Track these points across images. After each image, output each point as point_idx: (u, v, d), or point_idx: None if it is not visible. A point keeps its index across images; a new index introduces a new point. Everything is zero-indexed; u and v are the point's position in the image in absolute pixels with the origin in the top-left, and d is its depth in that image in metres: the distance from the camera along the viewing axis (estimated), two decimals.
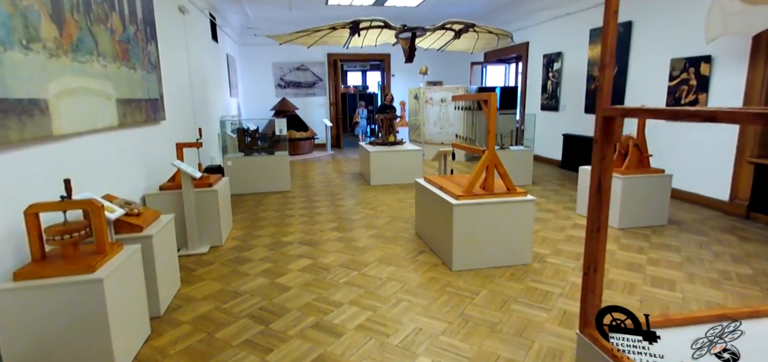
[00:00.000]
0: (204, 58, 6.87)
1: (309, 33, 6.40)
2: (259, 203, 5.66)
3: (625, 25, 6.37)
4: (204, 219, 3.95)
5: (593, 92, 7.13)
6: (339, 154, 10.63)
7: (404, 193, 6.09)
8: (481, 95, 3.34)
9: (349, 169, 8.37)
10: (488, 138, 3.30)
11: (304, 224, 4.65)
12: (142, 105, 3.82)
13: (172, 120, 4.74)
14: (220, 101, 8.07)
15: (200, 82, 6.42)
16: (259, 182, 6.25)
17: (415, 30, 6.24)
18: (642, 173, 4.36)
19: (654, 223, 4.45)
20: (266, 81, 11.37)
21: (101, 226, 2.17)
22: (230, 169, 6.13)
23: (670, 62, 5.63)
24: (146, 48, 3.98)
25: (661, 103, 5.81)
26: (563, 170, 7.82)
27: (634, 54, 6.31)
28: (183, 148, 4.07)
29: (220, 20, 8.52)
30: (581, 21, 7.36)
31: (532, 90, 8.96)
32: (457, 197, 3.28)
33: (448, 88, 8.79)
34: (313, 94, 11.73)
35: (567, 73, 7.88)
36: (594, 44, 7.04)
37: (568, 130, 7.81)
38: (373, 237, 4.17)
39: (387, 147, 6.90)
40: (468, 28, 6.45)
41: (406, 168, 6.69)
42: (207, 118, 6.68)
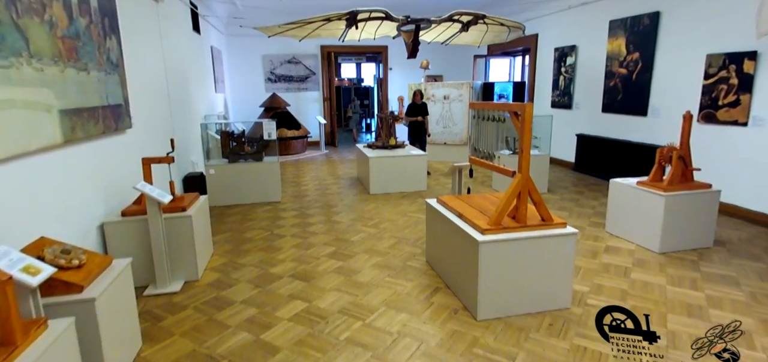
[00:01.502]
0: (184, 51, 6.17)
1: (300, 25, 5.73)
2: (245, 218, 5.02)
3: (652, 16, 5.76)
4: (176, 250, 3.31)
5: (613, 89, 6.53)
6: (334, 153, 9.97)
7: (408, 204, 5.48)
8: (512, 105, 2.73)
9: (346, 171, 7.74)
10: (521, 159, 2.69)
11: (297, 248, 4.02)
12: (99, 114, 3.16)
13: (142, 127, 4.08)
14: (204, 98, 7.38)
15: (179, 79, 5.73)
16: (246, 191, 5.61)
17: (420, 22, 5.59)
18: (687, 189, 3.78)
19: (699, 245, 3.88)
20: (255, 75, 10.65)
21: (7, 307, 1.54)
22: (213, 177, 5.48)
23: (706, 58, 5.04)
24: (104, 44, 3.30)
25: (693, 103, 5.23)
26: (578, 173, 7.25)
27: (661, 48, 5.70)
28: (151, 164, 3.42)
29: (204, 9, 7.79)
30: (599, 11, 6.74)
31: (542, 86, 8.35)
32: (483, 230, 2.68)
33: (451, 84, 8.15)
34: (305, 88, 11.04)
35: (582, 68, 7.27)
36: (615, 37, 6.42)
37: (584, 130, 7.22)
38: (378, 267, 3.56)
39: (387, 151, 6.27)
40: (477, 20, 5.81)
41: (408, 175, 6.07)
42: (188, 118, 6.00)
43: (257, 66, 10.61)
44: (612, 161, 6.52)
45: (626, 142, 6.28)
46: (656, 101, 5.84)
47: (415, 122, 7.03)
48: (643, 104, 6.01)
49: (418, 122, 7.01)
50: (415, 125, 7.05)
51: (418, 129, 7.05)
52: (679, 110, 5.50)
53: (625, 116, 6.36)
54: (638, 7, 6.00)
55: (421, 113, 7.03)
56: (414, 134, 7.10)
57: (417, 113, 7.01)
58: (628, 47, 6.18)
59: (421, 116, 6.99)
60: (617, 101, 6.46)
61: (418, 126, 7.05)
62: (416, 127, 7.05)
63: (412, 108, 7.06)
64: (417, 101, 7.06)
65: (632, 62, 6.14)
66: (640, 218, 3.91)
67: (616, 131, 6.56)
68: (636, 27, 6.03)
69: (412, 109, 7.07)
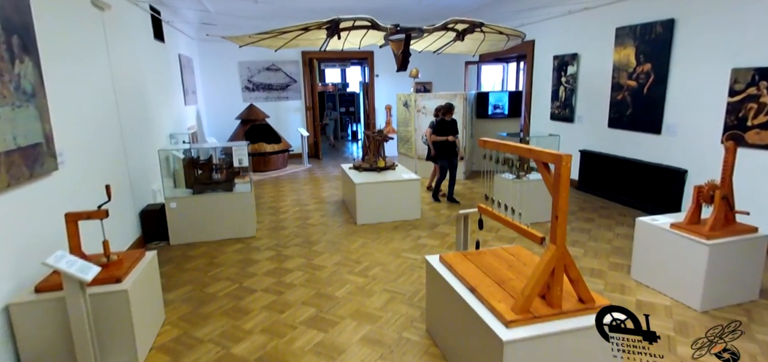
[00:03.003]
0: (141, 63, 5.40)
1: (275, 35, 5.01)
2: (211, 262, 4.29)
3: (666, 23, 5.20)
4: (108, 333, 2.59)
5: (620, 103, 5.98)
6: (317, 168, 9.26)
7: (400, 238, 4.82)
8: (541, 153, 2.09)
9: (330, 192, 7.04)
10: (554, 226, 2.05)
11: (269, 310, 3.32)
12: (1, 161, 2.41)
13: (76, 165, 3.33)
14: (170, 113, 6.60)
15: (134, 97, 4.97)
16: (215, 226, 4.87)
17: (410, 31, 4.93)
18: (731, 234, 3.20)
19: (743, 299, 3.31)
20: (232, 84, 9.86)
21: None
22: (175, 212, 4.73)
23: (731, 73, 4.50)
24: (10, 70, 2.55)
25: (716, 123, 4.69)
26: (583, 192, 6.69)
27: (677, 59, 5.15)
28: (78, 221, 2.69)
29: (169, 15, 7.00)
30: (603, 18, 6.17)
31: (540, 96, 7.78)
32: (507, 322, 2.03)
33: (443, 96, 7.52)
34: (286, 97, 10.29)
35: (585, 78, 6.71)
36: (622, 46, 5.86)
37: (588, 146, 6.66)
38: (367, 343, 2.88)
39: (376, 175, 5.60)
40: (474, 29, 5.18)
41: (400, 202, 5.42)
42: (147, 140, 5.25)
43: (233, 74, 9.82)
44: (621, 181, 5.97)
45: (637, 161, 5.72)
46: (672, 118, 5.29)
47: (446, 143, 6.05)
48: (656, 120, 5.46)
49: (448, 142, 6.04)
50: (445, 146, 6.08)
51: (449, 150, 6.12)
52: (699, 129, 4.99)
53: (635, 132, 5.81)
54: (649, 13, 5.44)
55: (451, 132, 6.08)
56: (444, 154, 6.12)
57: (447, 132, 6.05)
58: (639, 57, 5.63)
59: (451, 136, 6.04)
60: (626, 116, 5.91)
61: (448, 147, 6.10)
62: (446, 148, 6.10)
63: (442, 126, 6.08)
64: (447, 118, 6.11)
65: (643, 74, 5.59)
66: (676, 268, 3.32)
67: (624, 149, 6.00)
68: (647, 35, 5.47)
69: (442, 127, 6.08)
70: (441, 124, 6.12)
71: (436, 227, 5.16)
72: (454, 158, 6.17)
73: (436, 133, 6.06)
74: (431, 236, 4.90)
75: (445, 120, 6.12)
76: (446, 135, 6.01)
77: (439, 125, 6.14)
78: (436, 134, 6.06)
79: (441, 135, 6.03)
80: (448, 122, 6.10)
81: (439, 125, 6.13)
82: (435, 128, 6.13)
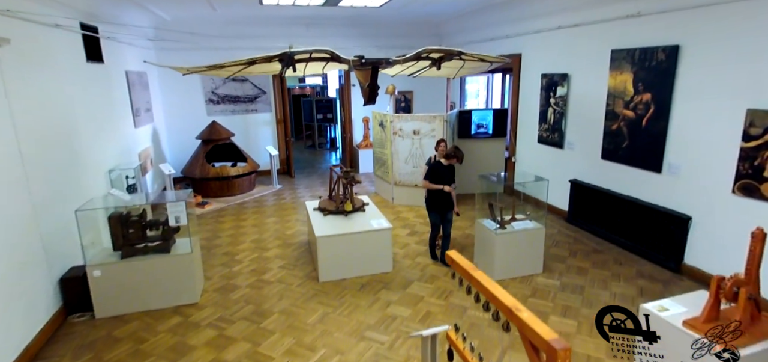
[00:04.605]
0: (66, 95, 4.62)
1: (221, 67, 4.27)
2: (138, 346, 3.60)
3: (669, 50, 4.59)
4: None
5: (615, 134, 5.37)
6: (288, 189, 8.53)
7: (367, 306, 4.16)
8: (531, 333, 1.44)
9: (296, 228, 6.35)
10: None
11: None
12: None
13: None
14: (112, 143, 5.82)
15: (52, 139, 4.22)
16: (150, 294, 4.16)
17: (378, 63, 4.23)
18: (759, 339, 2.61)
19: None
20: (194, 97, 9.01)
21: None
22: (100, 281, 4.00)
23: (746, 114, 3.90)
24: None
25: (727, 169, 4.11)
26: (573, 226, 6.10)
27: (681, 91, 4.55)
28: None
29: (111, 30, 6.17)
30: (598, 38, 5.54)
31: (527, 117, 7.14)
32: None
33: (422, 117, 6.84)
34: (254, 110, 9.50)
35: (576, 102, 6.08)
36: (618, 70, 5.24)
37: (579, 176, 6.06)
38: None
39: (342, 222, 4.92)
40: (452, 57, 4.51)
41: (370, 254, 4.75)
42: (74, 186, 4.50)
43: (195, 86, 8.97)
44: (615, 220, 5.39)
45: (635, 201, 5.14)
46: (674, 157, 4.70)
47: (440, 194, 4.77)
48: (656, 157, 4.87)
49: (442, 193, 4.75)
50: (438, 197, 4.79)
51: (443, 202, 4.81)
52: (705, 173, 4.39)
53: (631, 168, 5.21)
54: (650, 37, 4.82)
55: (447, 179, 4.74)
56: (435, 206, 4.87)
57: (442, 179, 4.73)
58: (637, 86, 5.02)
59: (447, 186, 4.71)
60: (622, 149, 5.31)
61: (442, 199, 4.79)
62: (440, 200, 4.80)
63: (437, 172, 4.78)
64: (444, 163, 4.81)
65: (642, 105, 4.98)
66: None
67: (619, 184, 5.41)
68: (647, 62, 4.86)
69: (436, 172, 4.78)
70: (436, 168, 4.82)
71: (410, 286, 4.52)
72: (448, 211, 4.88)
73: (430, 178, 4.81)
74: (403, 300, 4.26)
75: (440, 164, 4.83)
76: (441, 183, 4.72)
77: (432, 169, 4.84)
78: (430, 179, 4.80)
79: (434, 182, 4.76)
80: (444, 168, 4.79)
81: (432, 170, 4.83)
82: (428, 172, 4.88)
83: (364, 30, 9.24)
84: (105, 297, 4.05)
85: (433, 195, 4.82)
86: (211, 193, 7.95)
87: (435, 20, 9.04)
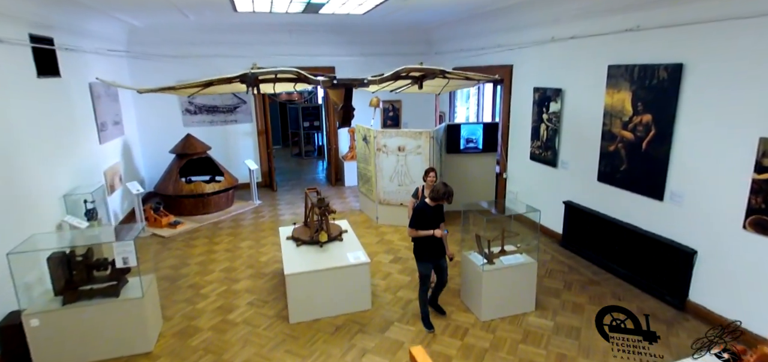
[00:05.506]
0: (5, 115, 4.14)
1: (181, 87, 3.83)
2: None
3: (672, 69, 4.20)
4: None
5: (613, 156, 4.99)
6: (268, 205, 8.08)
7: (338, 354, 3.74)
8: None
9: (272, 253, 5.90)
10: None
11: None
12: None
13: None
14: (69, 164, 5.34)
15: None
16: (97, 343, 3.71)
17: (352, 84, 3.81)
18: None
19: None
20: (169, 107, 8.54)
21: None
22: (38, 331, 3.55)
23: (759, 143, 3.52)
24: None
25: (737, 201, 3.73)
26: (566, 250, 5.72)
27: (685, 114, 4.17)
28: None
29: (71, 40, 5.69)
30: (593, 51, 5.15)
31: (519, 132, 6.75)
32: None
33: (407, 133, 6.42)
34: (234, 121, 9.05)
35: (570, 119, 5.69)
36: (616, 88, 4.85)
37: (574, 198, 5.67)
38: None
39: (316, 255, 4.49)
40: (435, 76, 4.09)
41: (345, 290, 4.33)
42: (13, 221, 4.02)
43: (171, 96, 8.47)
44: (613, 247, 5.02)
45: (634, 229, 4.76)
46: (677, 184, 4.32)
47: (430, 240, 3.87)
48: (657, 183, 4.49)
49: (433, 239, 3.86)
50: (428, 244, 3.90)
51: (435, 249, 3.94)
52: (712, 204, 3.98)
53: (630, 193, 4.83)
54: (651, 53, 4.44)
55: (436, 222, 3.87)
56: (424, 254, 3.95)
57: (430, 224, 3.85)
58: (636, 105, 4.63)
59: (437, 230, 3.82)
60: (620, 172, 4.93)
61: (432, 246, 3.91)
62: (429, 247, 3.91)
63: (423, 215, 3.86)
64: (431, 204, 3.85)
65: (642, 127, 4.60)
66: None
67: (617, 210, 5.03)
68: (648, 80, 4.47)
69: (422, 216, 3.86)
70: (422, 212, 3.87)
71: (389, 329, 4.10)
72: (441, 258, 4.03)
73: (415, 224, 3.87)
74: (381, 347, 3.84)
75: (427, 206, 3.87)
76: (428, 227, 3.83)
77: (418, 214, 3.88)
78: (415, 226, 3.87)
79: (421, 227, 3.84)
80: (431, 209, 3.86)
81: (418, 215, 3.87)
82: (413, 219, 3.91)
83: (351, 37, 8.79)
84: (45, 348, 3.60)
85: (421, 243, 3.91)
86: (185, 211, 7.48)
87: (423, 28, 8.62)
